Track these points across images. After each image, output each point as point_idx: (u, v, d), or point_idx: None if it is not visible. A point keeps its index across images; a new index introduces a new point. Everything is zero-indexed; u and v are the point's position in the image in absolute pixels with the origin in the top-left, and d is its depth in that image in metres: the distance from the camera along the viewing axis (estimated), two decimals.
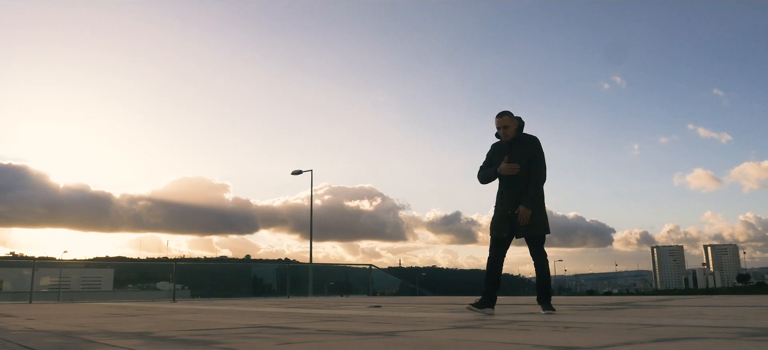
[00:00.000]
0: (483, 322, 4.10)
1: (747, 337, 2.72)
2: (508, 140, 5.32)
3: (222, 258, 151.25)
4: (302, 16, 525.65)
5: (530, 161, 5.20)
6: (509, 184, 5.22)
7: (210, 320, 4.97)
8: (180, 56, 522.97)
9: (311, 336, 3.18)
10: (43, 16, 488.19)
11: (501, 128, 5.32)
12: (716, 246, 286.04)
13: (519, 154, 5.23)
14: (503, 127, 5.32)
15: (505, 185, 5.25)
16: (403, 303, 9.98)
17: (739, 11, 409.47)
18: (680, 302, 7.55)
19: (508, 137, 5.32)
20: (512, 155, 5.23)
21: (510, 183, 5.21)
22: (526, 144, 5.28)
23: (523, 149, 5.25)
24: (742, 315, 4.57)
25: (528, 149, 5.24)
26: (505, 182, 5.26)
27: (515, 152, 5.24)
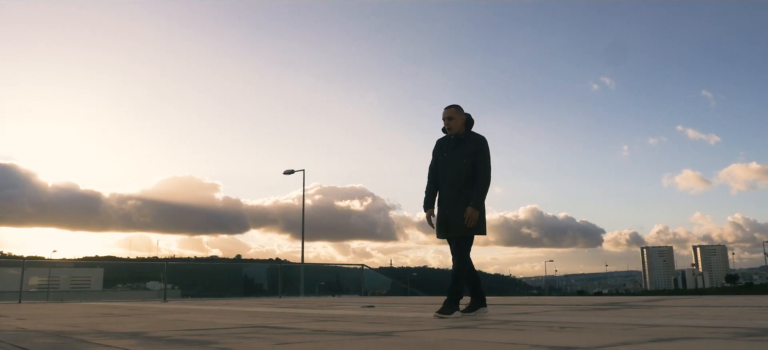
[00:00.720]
0: (478, 322, 4.10)
1: (742, 337, 2.73)
2: (452, 133, 5.03)
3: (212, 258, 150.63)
4: (293, 16, 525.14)
5: (473, 160, 4.90)
6: (450, 184, 4.91)
7: (203, 320, 4.94)
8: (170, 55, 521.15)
9: (307, 337, 3.17)
10: (32, 15, 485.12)
11: (446, 119, 5.03)
12: (705, 247, 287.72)
13: (463, 151, 4.94)
14: (448, 118, 5.02)
15: (446, 185, 4.94)
16: (396, 303, 9.96)
17: (727, 13, 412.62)
18: (672, 302, 7.58)
19: (453, 131, 5.01)
20: (456, 151, 4.96)
21: (450, 183, 4.91)
22: (472, 142, 4.98)
23: (468, 146, 4.96)
24: (735, 315, 4.59)
25: (472, 147, 4.94)
26: (443, 184, 4.98)
27: (459, 149, 4.96)
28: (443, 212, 4.93)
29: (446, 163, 5.00)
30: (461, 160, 4.92)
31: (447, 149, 5.05)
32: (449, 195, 4.91)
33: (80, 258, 64.76)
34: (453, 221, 4.85)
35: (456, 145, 5.01)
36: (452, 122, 5.01)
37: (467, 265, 4.88)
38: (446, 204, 4.91)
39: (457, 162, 4.92)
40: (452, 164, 4.95)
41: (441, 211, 4.97)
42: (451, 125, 5.02)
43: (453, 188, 4.89)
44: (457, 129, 5.01)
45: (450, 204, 4.88)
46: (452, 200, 4.88)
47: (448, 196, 4.92)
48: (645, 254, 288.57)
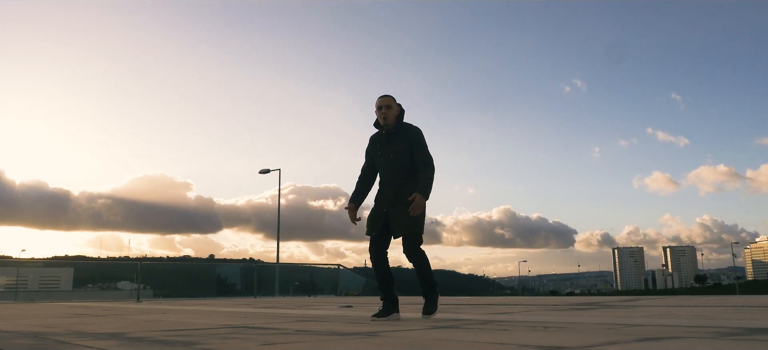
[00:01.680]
0: (461, 322, 4.10)
1: (725, 337, 2.76)
2: (388, 125, 4.69)
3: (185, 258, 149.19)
4: (267, 15, 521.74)
5: (410, 153, 4.64)
6: (387, 180, 4.66)
7: (182, 320, 4.88)
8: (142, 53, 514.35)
9: (292, 337, 3.14)
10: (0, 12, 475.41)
11: (383, 107, 4.69)
12: (675, 248, 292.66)
13: (397, 146, 4.66)
14: (386, 106, 4.69)
15: (384, 182, 4.69)
16: (374, 303, 9.94)
17: (696, 18, 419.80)
18: (647, 302, 7.68)
19: (390, 122, 4.68)
20: (390, 146, 4.67)
21: (388, 180, 4.65)
22: (407, 134, 4.70)
23: (403, 140, 4.67)
24: (713, 315, 4.66)
25: (408, 141, 4.66)
26: (383, 179, 4.70)
27: (393, 144, 4.67)
28: (381, 209, 4.64)
29: (381, 160, 4.71)
30: (394, 154, 4.66)
31: (380, 145, 4.75)
32: (389, 193, 4.63)
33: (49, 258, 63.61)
34: (395, 223, 4.55)
35: (389, 140, 4.71)
36: (390, 111, 4.68)
37: (426, 261, 4.62)
38: (385, 202, 4.63)
39: (392, 158, 4.65)
40: (387, 160, 4.67)
41: (378, 208, 4.66)
42: (388, 114, 4.68)
43: (393, 186, 4.62)
44: (391, 119, 4.70)
45: (389, 203, 4.60)
46: (393, 198, 4.59)
47: (387, 194, 4.64)
48: (616, 254, 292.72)
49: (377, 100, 4.77)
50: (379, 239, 4.65)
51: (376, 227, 4.63)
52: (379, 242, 4.65)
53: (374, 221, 4.65)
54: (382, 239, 4.65)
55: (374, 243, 4.66)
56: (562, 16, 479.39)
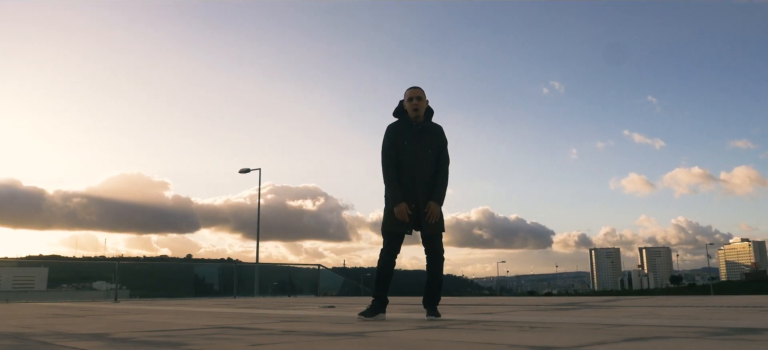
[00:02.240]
0: (446, 322, 4.10)
1: (711, 337, 2.79)
2: (419, 118, 4.64)
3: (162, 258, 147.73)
4: (246, 14, 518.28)
5: (439, 153, 4.66)
6: (418, 174, 4.56)
7: (163, 321, 4.82)
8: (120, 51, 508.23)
9: (279, 338, 3.11)
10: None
11: (415, 98, 4.62)
12: (650, 249, 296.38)
13: (428, 142, 4.63)
14: (417, 98, 4.62)
15: (413, 176, 4.55)
16: (355, 303, 9.92)
17: (672, 23, 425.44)
18: (627, 302, 7.75)
19: (420, 117, 4.64)
20: (421, 141, 4.60)
21: (419, 174, 4.56)
22: (437, 133, 4.70)
23: (433, 137, 4.66)
24: (694, 315, 4.71)
25: (438, 139, 4.68)
26: (409, 175, 4.56)
27: (425, 139, 4.62)
28: (411, 205, 4.52)
29: (411, 153, 4.58)
30: (427, 151, 4.61)
31: (409, 137, 4.62)
32: (420, 187, 4.55)
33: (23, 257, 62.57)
34: (425, 218, 4.53)
35: (420, 134, 4.64)
36: (421, 103, 4.64)
37: (443, 261, 4.65)
38: (416, 197, 4.53)
39: (424, 154, 4.59)
40: (419, 156, 4.58)
41: (408, 204, 4.52)
42: (419, 106, 4.63)
43: (422, 183, 4.56)
44: (422, 112, 4.66)
45: (422, 199, 4.53)
46: (425, 195, 4.55)
47: (419, 188, 4.55)
48: (593, 255, 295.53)
49: (409, 91, 4.67)
50: (401, 238, 4.61)
51: (408, 227, 4.53)
52: (401, 240, 4.62)
53: (409, 218, 4.50)
54: (402, 238, 4.62)
55: (397, 241, 4.60)
56: (541, 18, 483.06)
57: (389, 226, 4.55)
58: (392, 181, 4.56)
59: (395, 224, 4.52)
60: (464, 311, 6.12)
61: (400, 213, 4.47)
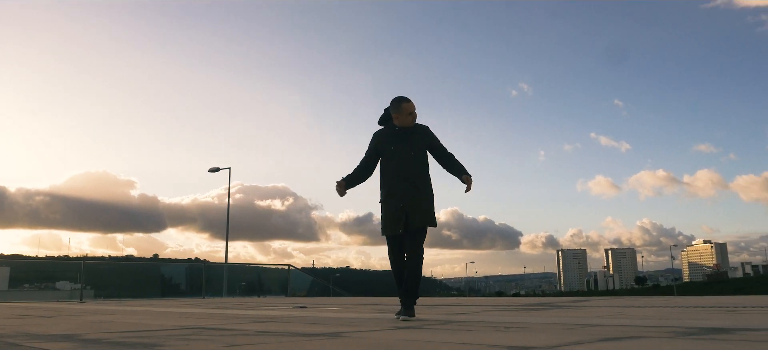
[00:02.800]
0: (422, 323, 4.11)
1: (684, 336, 2.83)
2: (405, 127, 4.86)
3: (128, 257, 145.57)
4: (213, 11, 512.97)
5: (428, 150, 4.90)
6: (403, 175, 4.75)
7: (134, 321, 4.74)
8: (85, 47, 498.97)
9: (255, 338, 3.08)
10: None
11: (413, 112, 4.87)
12: (616, 250, 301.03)
13: (413, 143, 4.85)
14: (409, 113, 4.85)
15: (398, 177, 4.75)
16: (326, 303, 9.89)
17: (639, 26, 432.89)
18: (596, 303, 7.85)
19: (409, 125, 4.88)
20: (406, 144, 4.82)
21: (405, 174, 4.75)
22: (423, 133, 4.94)
23: (418, 138, 4.89)
24: (663, 315, 4.79)
25: (425, 139, 4.91)
26: (394, 176, 4.76)
27: (409, 141, 4.85)
28: (398, 206, 4.70)
29: (397, 156, 4.80)
30: (411, 152, 4.82)
31: (395, 141, 4.85)
32: (405, 189, 4.72)
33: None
34: (413, 215, 4.68)
35: (405, 137, 4.85)
36: (413, 117, 4.90)
37: (422, 259, 4.74)
38: (402, 198, 4.70)
39: (408, 155, 4.80)
40: (405, 157, 4.79)
41: (394, 205, 4.72)
42: (414, 120, 4.90)
43: (408, 182, 4.74)
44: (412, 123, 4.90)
45: (407, 198, 4.70)
46: (410, 193, 4.71)
47: (403, 190, 4.72)
48: (560, 256, 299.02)
49: (409, 104, 4.87)
50: (400, 239, 4.78)
51: (399, 226, 4.69)
52: (401, 241, 4.78)
53: (396, 220, 4.70)
54: (401, 239, 4.78)
55: (397, 242, 4.79)
56: (511, 20, 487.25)
57: (383, 230, 4.81)
58: (352, 171, 4.98)
59: (385, 227, 4.78)
60: (437, 311, 6.13)
61: (337, 188, 4.91)
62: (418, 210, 4.69)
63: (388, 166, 4.82)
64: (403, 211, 4.69)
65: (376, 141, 4.94)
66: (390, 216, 4.73)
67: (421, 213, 4.71)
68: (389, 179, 4.80)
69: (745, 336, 2.74)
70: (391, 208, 4.74)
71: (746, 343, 2.46)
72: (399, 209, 4.69)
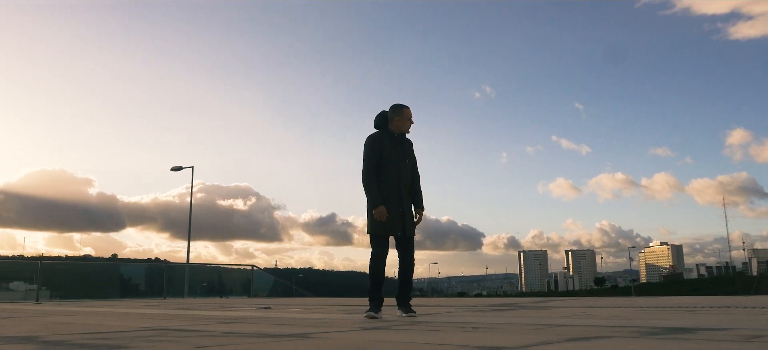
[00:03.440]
0: (389, 323, 4.11)
1: (649, 336, 2.88)
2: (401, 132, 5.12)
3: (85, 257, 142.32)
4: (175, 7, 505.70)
5: (412, 165, 5.20)
6: (400, 181, 4.98)
7: (96, 322, 4.63)
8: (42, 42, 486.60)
9: (222, 339, 3.03)
10: None
11: (411, 119, 5.14)
12: (576, 251, 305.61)
13: (407, 151, 5.14)
14: (409, 118, 5.13)
15: (396, 182, 4.96)
16: (290, 304, 9.82)
17: (598, 32, 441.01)
18: (558, 303, 7.97)
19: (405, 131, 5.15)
20: (402, 150, 5.08)
21: (401, 180, 4.99)
22: (411, 146, 5.23)
23: (410, 148, 5.20)
24: (626, 315, 4.88)
25: (411, 148, 5.22)
26: (395, 180, 4.96)
27: (404, 148, 5.12)
28: (397, 209, 4.94)
29: (395, 160, 5.01)
30: (406, 160, 5.10)
31: (394, 146, 5.06)
32: (401, 193, 4.99)
33: None
34: (409, 221, 5.00)
35: (400, 143, 5.11)
36: (411, 124, 5.17)
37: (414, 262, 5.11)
38: (401, 202, 4.98)
39: (404, 162, 5.07)
40: (402, 163, 5.05)
41: (395, 208, 4.93)
42: (410, 127, 5.16)
43: (404, 188, 5.02)
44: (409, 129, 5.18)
45: (405, 204, 5.01)
46: (407, 199, 5.04)
47: (400, 194, 4.98)
48: (522, 257, 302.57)
49: (409, 110, 5.14)
50: (387, 240, 5.00)
51: (398, 229, 4.96)
52: (387, 242, 5.02)
53: (395, 222, 4.93)
54: (388, 240, 5.02)
55: (385, 243, 5.00)
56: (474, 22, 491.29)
57: (376, 228, 4.91)
58: (372, 187, 4.94)
59: (382, 227, 4.89)
60: (396, 312, 6.12)
61: (379, 214, 4.84)
62: (412, 218, 5.07)
63: (390, 169, 5.00)
64: (402, 215, 4.97)
65: (380, 144, 5.04)
66: (390, 218, 4.91)
67: (413, 221, 5.09)
68: (390, 182, 5.00)
69: (708, 336, 2.81)
70: (391, 210, 4.93)
71: (709, 343, 2.52)
72: (398, 212, 4.95)
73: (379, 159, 5.00)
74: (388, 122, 5.11)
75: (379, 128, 5.15)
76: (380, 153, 5.00)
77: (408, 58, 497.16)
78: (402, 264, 5.05)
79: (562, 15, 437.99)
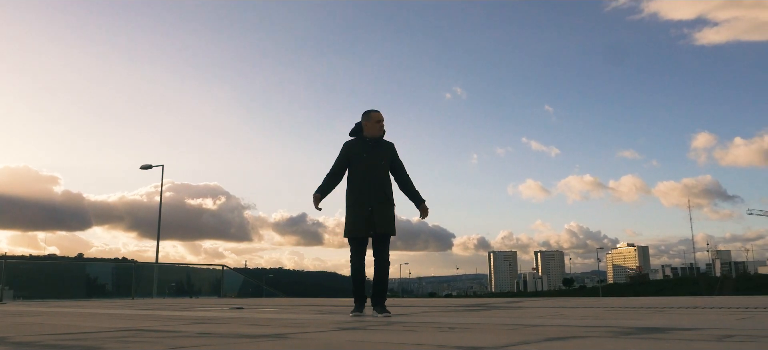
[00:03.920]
0: (366, 323, 4.10)
1: (624, 336, 2.92)
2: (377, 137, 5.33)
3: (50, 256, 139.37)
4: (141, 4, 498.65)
5: (391, 163, 5.34)
6: (372, 181, 5.18)
7: (65, 323, 4.53)
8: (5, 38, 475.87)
9: (197, 340, 2.99)
10: None
11: (380, 121, 5.33)
12: (545, 252, 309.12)
13: (383, 154, 5.30)
14: (377, 121, 5.35)
15: (367, 182, 5.17)
16: (262, 304, 9.75)
17: (568, 36, 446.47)
18: (531, 304, 8.04)
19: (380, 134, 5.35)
20: (377, 153, 5.27)
21: (373, 180, 5.18)
22: (389, 146, 5.40)
23: (386, 150, 5.35)
24: (599, 315, 4.94)
25: (389, 152, 5.36)
26: (364, 182, 5.18)
27: (379, 151, 5.29)
28: (367, 209, 5.10)
29: (367, 162, 5.20)
30: (380, 161, 5.25)
31: (367, 149, 5.27)
32: (375, 194, 5.14)
33: None
34: (380, 220, 5.11)
35: (375, 147, 5.29)
36: (380, 125, 5.35)
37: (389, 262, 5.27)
38: (371, 203, 5.12)
39: (377, 163, 5.22)
40: (376, 165, 5.21)
41: (364, 209, 5.11)
42: (381, 127, 5.34)
43: (379, 188, 5.17)
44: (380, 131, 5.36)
45: (375, 203, 5.13)
46: (378, 200, 5.15)
47: (373, 195, 5.14)
48: (492, 258, 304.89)
49: (377, 113, 5.36)
50: (365, 241, 5.20)
51: (368, 229, 5.11)
52: (365, 243, 5.21)
53: (363, 222, 5.10)
54: (366, 241, 5.21)
55: (362, 245, 5.20)
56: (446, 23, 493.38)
57: (349, 231, 5.14)
58: (323, 182, 5.32)
59: (355, 230, 5.11)
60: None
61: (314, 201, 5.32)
62: (384, 217, 5.16)
63: (358, 171, 5.23)
64: (372, 215, 5.10)
65: (348, 149, 5.32)
66: (359, 219, 5.11)
67: (387, 220, 5.17)
68: (359, 184, 5.19)
69: (682, 336, 2.85)
70: (359, 211, 5.12)
71: (684, 342, 2.56)
72: (368, 212, 5.09)
73: (346, 164, 5.29)
74: (363, 130, 5.38)
75: (354, 136, 5.42)
76: (348, 158, 5.28)
77: (379, 59, 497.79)
78: (375, 264, 5.24)
79: (532, 18, 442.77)
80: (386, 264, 5.22)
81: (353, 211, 5.16)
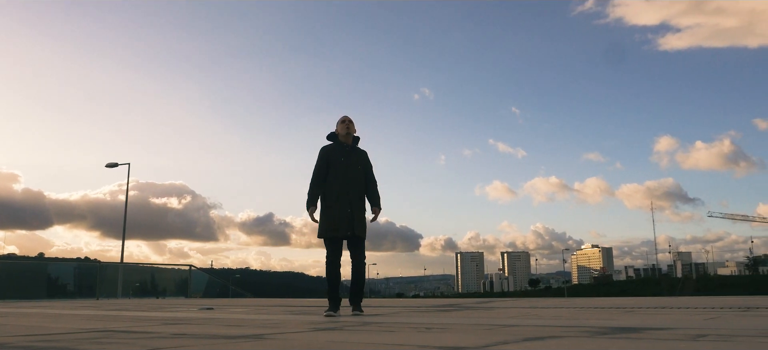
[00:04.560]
0: (342, 323, 4.08)
1: (600, 336, 2.96)
2: (348, 140, 5.58)
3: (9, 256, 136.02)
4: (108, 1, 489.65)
5: (365, 172, 5.60)
6: (350, 185, 5.41)
7: (32, 324, 4.42)
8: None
9: (173, 341, 2.94)
10: None
11: (348, 122, 5.58)
12: (511, 253, 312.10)
13: (357, 159, 5.56)
14: (350, 121, 5.61)
15: (346, 186, 5.40)
16: (232, 305, 9.65)
17: (535, 39, 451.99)
18: (501, 304, 8.10)
19: (350, 138, 5.60)
20: (353, 158, 5.52)
21: (351, 185, 5.42)
22: (363, 154, 5.68)
23: (361, 156, 5.63)
24: (571, 315, 5.00)
25: (363, 159, 5.63)
26: (343, 185, 5.39)
27: (355, 157, 5.55)
28: (346, 211, 5.31)
29: (345, 168, 5.43)
30: (358, 167, 5.50)
31: (344, 155, 5.50)
32: (353, 197, 5.38)
33: None
34: (358, 223, 5.37)
35: (352, 153, 5.55)
36: (353, 126, 5.60)
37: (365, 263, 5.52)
38: (350, 204, 5.34)
39: (355, 169, 5.47)
40: (353, 170, 5.45)
41: (344, 210, 5.31)
42: (351, 128, 5.57)
43: (356, 192, 5.42)
44: (353, 132, 5.59)
45: (355, 205, 5.38)
46: (355, 203, 5.38)
47: (353, 198, 5.38)
48: (459, 259, 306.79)
49: (345, 117, 5.60)
50: (341, 242, 5.41)
51: (347, 230, 5.30)
52: (341, 244, 5.42)
53: (343, 223, 5.30)
54: (342, 242, 5.42)
55: (337, 245, 5.39)
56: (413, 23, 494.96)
57: (326, 231, 5.32)
58: (310, 192, 5.43)
59: (331, 230, 5.30)
60: (348, 311, 6.10)
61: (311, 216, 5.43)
62: (361, 219, 5.43)
63: (337, 175, 5.40)
64: (351, 216, 5.33)
65: (326, 153, 5.52)
66: (338, 219, 5.29)
67: (363, 222, 5.46)
68: (339, 187, 5.37)
69: (656, 335, 2.90)
70: (339, 212, 5.32)
71: (659, 342, 2.60)
72: (347, 214, 5.32)
73: (326, 168, 5.47)
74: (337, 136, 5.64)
75: (331, 141, 5.66)
76: (326, 162, 5.48)
77: (347, 59, 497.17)
78: (353, 265, 5.43)
79: (500, 20, 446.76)
80: (363, 265, 5.45)
81: (332, 212, 5.34)
